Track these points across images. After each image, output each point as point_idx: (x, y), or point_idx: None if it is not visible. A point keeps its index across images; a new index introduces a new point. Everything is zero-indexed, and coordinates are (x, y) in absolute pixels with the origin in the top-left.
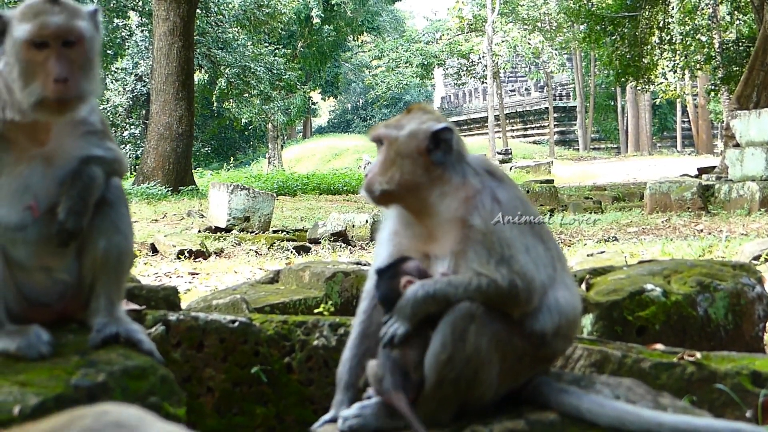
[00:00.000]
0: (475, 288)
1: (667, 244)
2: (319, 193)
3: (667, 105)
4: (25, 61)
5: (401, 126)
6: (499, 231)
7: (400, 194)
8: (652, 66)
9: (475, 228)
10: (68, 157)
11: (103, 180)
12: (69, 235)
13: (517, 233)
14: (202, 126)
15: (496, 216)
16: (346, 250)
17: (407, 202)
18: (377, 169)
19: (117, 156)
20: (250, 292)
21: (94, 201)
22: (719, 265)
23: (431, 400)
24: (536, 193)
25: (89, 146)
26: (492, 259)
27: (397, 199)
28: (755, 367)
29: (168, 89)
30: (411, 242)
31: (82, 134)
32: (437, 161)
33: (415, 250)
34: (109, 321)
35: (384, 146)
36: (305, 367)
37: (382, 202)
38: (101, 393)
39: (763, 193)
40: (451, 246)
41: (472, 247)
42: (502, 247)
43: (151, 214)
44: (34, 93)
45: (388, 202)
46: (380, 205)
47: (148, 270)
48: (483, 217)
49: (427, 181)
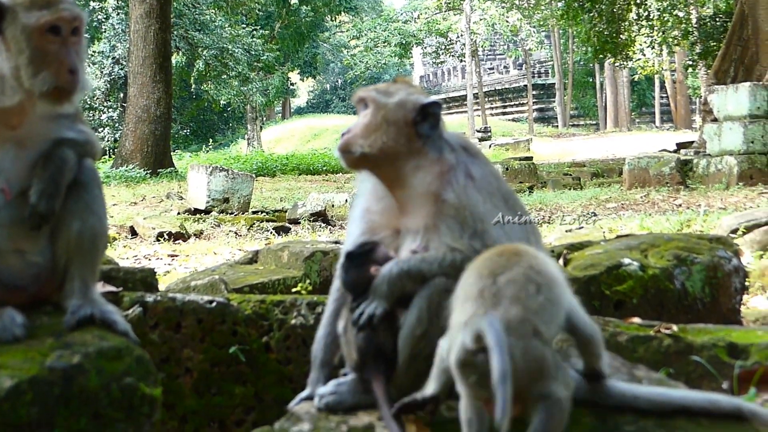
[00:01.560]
0: (449, 263)
1: (646, 219)
2: (299, 174)
3: (646, 81)
4: (37, 49)
5: (390, 93)
6: (472, 205)
7: (378, 160)
8: (629, 42)
9: (448, 203)
10: (40, 140)
11: (75, 162)
12: (41, 217)
13: (491, 207)
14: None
15: (469, 191)
16: (325, 230)
17: (382, 170)
18: (360, 131)
19: (89, 138)
20: (229, 272)
21: (66, 183)
22: (696, 239)
23: (406, 376)
24: (515, 170)
25: (61, 129)
26: (465, 233)
27: (373, 164)
28: (731, 339)
29: (145, 72)
30: (383, 218)
31: (54, 117)
32: (423, 134)
33: (387, 225)
34: (84, 303)
35: (371, 110)
36: (283, 346)
37: (357, 165)
38: (77, 374)
39: (740, 167)
40: (423, 220)
41: (444, 221)
42: (474, 221)
43: (130, 197)
44: (47, 81)
45: (364, 166)
46: (353, 168)
47: (127, 253)
48: (456, 192)
49: (407, 152)
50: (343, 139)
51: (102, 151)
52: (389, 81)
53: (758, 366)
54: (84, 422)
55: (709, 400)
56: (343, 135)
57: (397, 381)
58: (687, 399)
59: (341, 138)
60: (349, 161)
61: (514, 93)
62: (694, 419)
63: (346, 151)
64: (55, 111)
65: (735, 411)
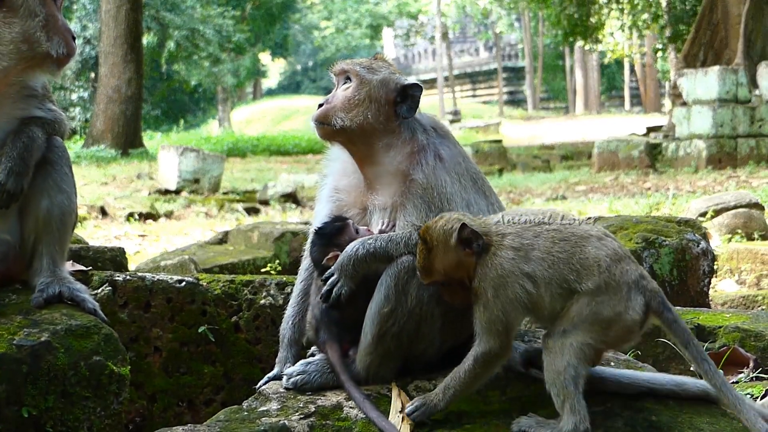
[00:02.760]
0: (415, 242)
1: (615, 202)
2: (269, 155)
3: (615, 64)
4: (47, 15)
5: (374, 70)
6: (440, 186)
7: (354, 135)
8: (599, 25)
9: (417, 182)
10: (8, 119)
11: (44, 140)
12: (10, 196)
13: (459, 188)
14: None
15: (438, 172)
16: (296, 211)
17: (356, 145)
18: (340, 103)
19: (58, 117)
20: (199, 252)
21: (35, 162)
22: (664, 222)
23: (374, 355)
24: (485, 152)
25: (30, 108)
26: (432, 213)
27: (348, 139)
28: (699, 321)
29: (116, 52)
30: (351, 196)
31: (23, 96)
32: (401, 114)
33: (354, 204)
34: (52, 281)
35: (354, 84)
36: (252, 326)
37: (332, 137)
38: (45, 352)
39: (709, 150)
40: (391, 198)
41: (411, 200)
42: (442, 201)
43: (101, 177)
44: (61, 46)
45: (338, 139)
46: (327, 139)
47: (97, 233)
48: (425, 172)
49: (383, 130)
50: (321, 110)
51: (72, 131)
52: (368, 57)
53: (726, 348)
54: (52, 400)
55: (677, 382)
56: (320, 105)
57: (364, 360)
58: (654, 381)
59: (319, 108)
60: (324, 132)
61: (485, 76)
62: (661, 401)
63: (323, 122)
64: (30, 84)
65: (702, 394)
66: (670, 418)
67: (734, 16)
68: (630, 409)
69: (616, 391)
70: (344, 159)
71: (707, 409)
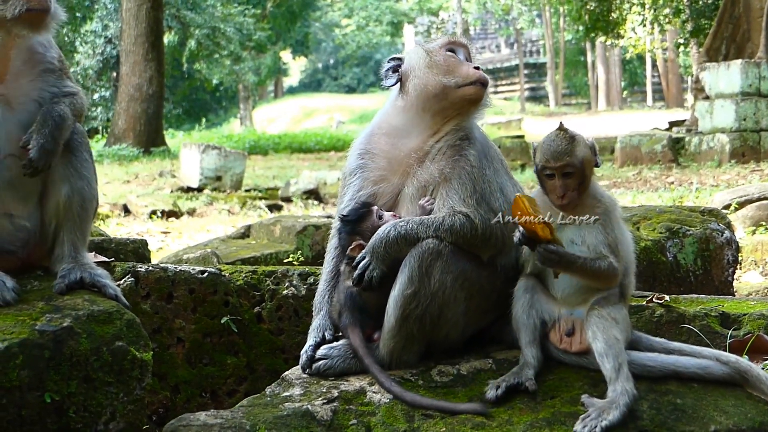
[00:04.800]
0: (447, 228)
1: (638, 196)
2: (291, 152)
3: (637, 60)
4: None
5: None
6: (483, 168)
7: (467, 104)
8: (621, 21)
9: (468, 159)
10: (27, 100)
11: (73, 120)
12: (36, 172)
13: (493, 172)
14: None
15: (487, 154)
16: (318, 207)
17: (449, 113)
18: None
19: (77, 91)
20: (221, 247)
21: (64, 140)
22: (688, 211)
23: (397, 339)
24: (507, 148)
25: (48, 87)
26: (474, 195)
27: (462, 104)
28: (724, 309)
29: (137, 51)
30: (386, 171)
31: (39, 73)
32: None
33: (390, 177)
34: (74, 267)
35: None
36: (275, 317)
37: (481, 98)
38: (67, 338)
39: (732, 144)
40: (439, 172)
41: (459, 176)
42: (483, 182)
43: (123, 176)
44: (17, 4)
45: (473, 102)
46: (479, 100)
47: (120, 230)
48: (475, 153)
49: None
50: (485, 77)
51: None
52: (385, 59)
53: (751, 335)
54: (74, 385)
55: (701, 366)
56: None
57: (387, 344)
58: (679, 364)
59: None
60: (482, 97)
61: (506, 72)
62: (686, 384)
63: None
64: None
65: (727, 377)
66: (694, 401)
67: (756, 9)
68: (655, 392)
69: (641, 374)
70: (391, 125)
71: (732, 392)
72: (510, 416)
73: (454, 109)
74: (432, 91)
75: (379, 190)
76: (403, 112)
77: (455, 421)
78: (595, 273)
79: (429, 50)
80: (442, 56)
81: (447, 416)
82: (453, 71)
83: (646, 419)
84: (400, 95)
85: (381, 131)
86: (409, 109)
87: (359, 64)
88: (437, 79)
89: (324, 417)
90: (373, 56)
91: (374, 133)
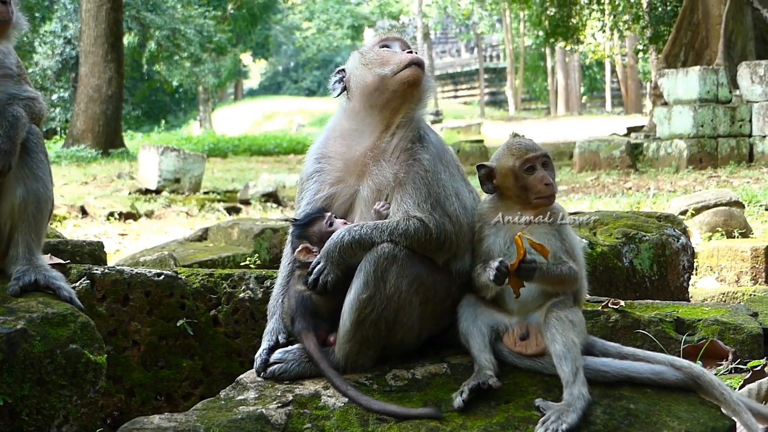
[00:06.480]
0: (401, 232)
1: (596, 201)
2: (250, 155)
3: (597, 65)
4: None
5: None
6: (438, 172)
7: (409, 95)
8: (580, 26)
9: (422, 163)
10: None
11: (28, 120)
12: None
13: (449, 176)
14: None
15: (442, 159)
16: (277, 210)
17: (394, 107)
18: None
19: (36, 96)
20: (179, 249)
21: (20, 140)
22: (644, 217)
23: (352, 343)
24: (466, 152)
25: (7, 89)
26: (429, 199)
27: (405, 96)
28: (678, 314)
29: (97, 51)
30: (342, 172)
31: None
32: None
33: (345, 179)
34: (29, 268)
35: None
36: (231, 320)
37: (417, 85)
38: (20, 340)
39: (690, 150)
40: (393, 175)
41: (413, 180)
42: (438, 187)
43: (81, 177)
44: None
45: (409, 91)
46: (415, 85)
47: (77, 232)
48: (429, 156)
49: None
50: (419, 58)
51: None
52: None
53: (704, 341)
54: (27, 388)
55: (655, 371)
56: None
57: (342, 348)
58: (632, 369)
59: (414, 55)
60: (421, 77)
61: (466, 76)
62: (639, 389)
63: (422, 66)
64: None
65: (680, 382)
66: (647, 406)
67: (715, 16)
68: (608, 397)
69: (595, 379)
70: (344, 128)
71: (685, 398)
72: (464, 420)
73: (397, 99)
74: (372, 85)
75: (336, 191)
76: (353, 113)
77: (409, 425)
78: (560, 279)
79: (363, 51)
80: (375, 52)
81: (401, 420)
82: (387, 62)
83: (599, 424)
84: (348, 99)
85: (335, 134)
86: (358, 110)
87: (319, 67)
88: (374, 72)
89: (278, 421)
90: (333, 59)
91: (329, 137)
